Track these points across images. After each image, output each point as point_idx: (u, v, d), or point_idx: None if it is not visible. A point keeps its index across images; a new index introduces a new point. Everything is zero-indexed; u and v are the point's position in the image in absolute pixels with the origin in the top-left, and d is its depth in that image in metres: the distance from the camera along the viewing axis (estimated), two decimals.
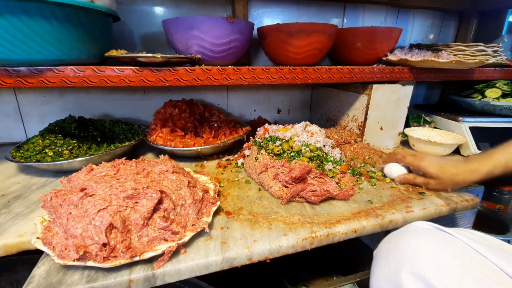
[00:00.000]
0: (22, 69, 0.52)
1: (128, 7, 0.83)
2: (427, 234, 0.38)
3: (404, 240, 0.39)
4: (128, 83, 0.57)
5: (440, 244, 0.36)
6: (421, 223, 0.42)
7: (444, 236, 0.38)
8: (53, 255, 0.35)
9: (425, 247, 0.36)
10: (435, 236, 0.38)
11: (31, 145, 0.67)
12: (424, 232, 0.39)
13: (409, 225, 0.42)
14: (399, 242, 0.39)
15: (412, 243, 0.37)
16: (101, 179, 0.42)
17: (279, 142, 0.64)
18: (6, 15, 0.47)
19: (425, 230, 0.39)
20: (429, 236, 0.38)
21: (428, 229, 0.40)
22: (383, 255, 0.40)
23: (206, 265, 0.39)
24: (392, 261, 0.37)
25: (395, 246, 0.39)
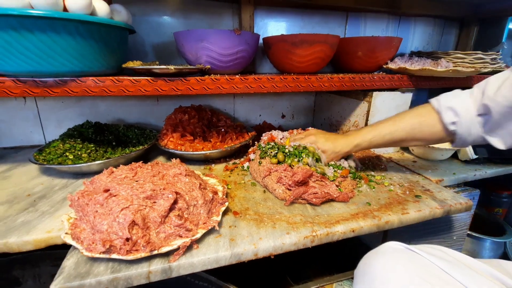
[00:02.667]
0: (48, 80, 0.57)
1: (140, 19, 0.88)
2: (397, 254, 0.42)
3: (377, 261, 0.42)
4: (143, 92, 0.62)
5: (408, 264, 0.39)
6: (393, 244, 0.45)
7: (413, 256, 0.41)
8: (81, 249, 0.40)
9: (394, 267, 0.39)
10: (404, 257, 0.41)
11: (53, 148, 0.72)
12: (395, 253, 0.42)
13: (382, 246, 0.46)
14: (372, 263, 0.42)
15: (383, 264, 0.41)
16: (122, 181, 0.46)
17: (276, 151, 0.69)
18: (36, 32, 0.52)
19: (396, 251, 0.43)
20: (398, 256, 0.41)
21: (398, 249, 0.43)
22: (360, 275, 0.44)
23: (216, 260, 0.43)
24: (367, 281, 0.41)
25: (369, 267, 0.42)
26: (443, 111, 0.56)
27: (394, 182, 0.68)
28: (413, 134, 0.60)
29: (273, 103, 1.14)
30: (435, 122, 0.57)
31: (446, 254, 0.43)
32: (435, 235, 0.73)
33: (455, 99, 0.56)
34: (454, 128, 0.55)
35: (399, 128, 0.61)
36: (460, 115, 0.54)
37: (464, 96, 0.55)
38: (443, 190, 0.64)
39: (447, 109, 0.55)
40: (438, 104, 0.57)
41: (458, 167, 0.80)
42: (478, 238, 0.85)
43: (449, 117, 0.55)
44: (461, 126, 0.54)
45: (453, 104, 0.55)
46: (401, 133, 0.61)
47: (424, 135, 0.60)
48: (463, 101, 0.54)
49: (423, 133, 0.59)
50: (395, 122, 0.62)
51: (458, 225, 0.74)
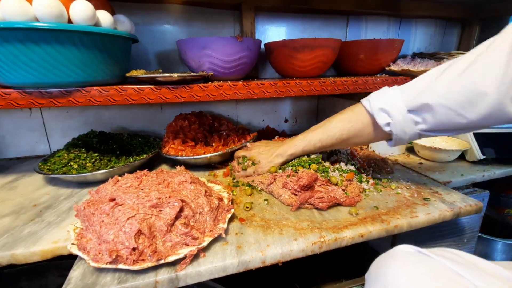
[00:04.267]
0: (53, 90, 0.57)
1: (143, 28, 0.89)
2: (409, 258, 0.41)
3: (388, 265, 0.41)
4: (147, 100, 0.62)
5: (422, 270, 0.38)
6: (405, 247, 0.44)
7: (426, 260, 0.40)
8: (88, 259, 0.39)
9: (406, 271, 0.38)
10: (417, 261, 0.40)
11: (57, 158, 0.72)
12: (407, 256, 0.41)
13: (394, 249, 0.45)
14: (384, 268, 0.41)
15: (396, 268, 0.40)
16: (127, 190, 0.46)
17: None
18: (42, 44, 0.53)
19: (408, 254, 0.42)
20: (410, 260, 0.40)
21: (410, 252, 0.42)
22: (372, 280, 0.43)
23: (224, 268, 0.42)
24: (379, 285, 0.40)
25: (382, 272, 0.41)
26: (376, 113, 0.55)
27: (401, 185, 0.67)
28: (342, 139, 0.61)
29: (276, 107, 1.14)
30: (367, 124, 0.58)
31: (459, 257, 0.42)
32: (445, 237, 0.71)
33: (384, 98, 0.54)
34: (389, 128, 0.54)
35: (329, 135, 0.62)
36: (392, 115, 0.53)
37: (393, 93, 0.54)
38: (452, 192, 0.63)
39: (379, 110, 0.54)
40: (370, 106, 0.56)
41: (466, 168, 0.78)
42: (490, 240, 0.83)
43: (383, 119, 0.54)
44: (395, 126, 0.53)
45: (383, 104, 0.54)
46: (331, 140, 0.62)
47: (355, 139, 0.60)
48: (392, 99, 0.53)
49: (354, 138, 0.60)
50: (325, 129, 0.63)
51: (469, 227, 0.72)
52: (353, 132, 0.59)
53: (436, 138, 0.92)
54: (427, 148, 0.82)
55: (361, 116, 0.58)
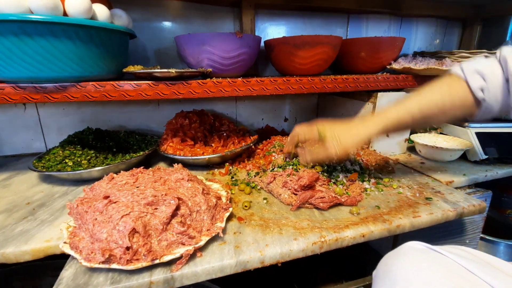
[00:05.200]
0: (48, 85, 0.56)
1: (141, 24, 0.88)
2: (419, 255, 0.39)
3: (398, 262, 0.40)
4: (144, 96, 0.61)
5: (432, 266, 0.37)
6: (415, 244, 0.43)
7: (436, 257, 0.39)
8: (80, 258, 0.38)
9: (418, 270, 0.37)
10: (428, 257, 0.39)
11: (52, 155, 0.71)
12: (417, 253, 0.40)
13: (403, 246, 0.43)
14: (394, 265, 0.40)
15: (406, 266, 0.38)
16: (122, 187, 0.45)
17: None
18: (36, 37, 0.51)
19: (418, 251, 0.40)
20: (421, 257, 0.39)
21: (420, 249, 0.41)
22: (380, 277, 0.41)
23: (221, 268, 0.41)
24: (388, 282, 0.38)
25: (391, 269, 0.40)
26: (470, 75, 0.50)
27: (403, 185, 0.66)
28: (443, 107, 0.53)
29: (276, 106, 1.13)
30: (463, 90, 0.51)
31: (470, 254, 0.40)
32: (447, 238, 0.70)
33: (480, 63, 0.51)
34: (482, 95, 0.50)
35: (428, 102, 0.53)
36: (487, 79, 0.49)
37: (490, 61, 0.51)
38: (455, 192, 0.62)
39: (474, 72, 0.50)
40: (463, 70, 0.52)
41: (468, 168, 0.77)
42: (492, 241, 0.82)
43: (477, 82, 0.50)
44: (489, 92, 0.49)
45: (479, 67, 0.50)
46: (432, 107, 0.53)
47: (455, 106, 0.53)
48: (490, 65, 0.50)
49: (453, 105, 0.52)
50: (423, 96, 0.54)
51: (471, 228, 0.71)
52: (453, 99, 0.52)
53: (437, 137, 0.90)
54: (428, 147, 0.81)
55: (455, 82, 0.53)
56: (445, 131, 0.93)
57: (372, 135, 0.55)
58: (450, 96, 0.52)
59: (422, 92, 0.55)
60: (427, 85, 0.56)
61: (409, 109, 0.54)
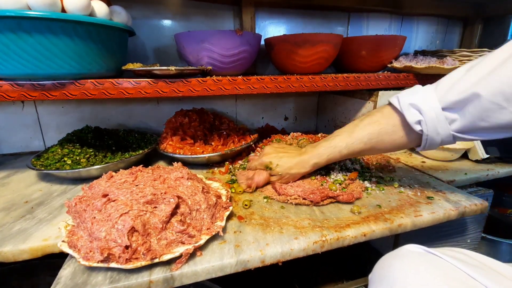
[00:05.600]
0: (46, 83, 0.56)
1: (141, 22, 0.87)
2: (418, 259, 0.39)
3: (396, 265, 0.39)
4: (144, 94, 0.60)
5: (430, 270, 0.36)
6: (412, 247, 0.42)
7: (435, 260, 0.38)
8: (78, 257, 0.38)
9: (415, 272, 0.36)
10: (426, 261, 0.38)
11: (51, 154, 0.70)
12: (415, 256, 0.39)
13: (401, 249, 0.42)
14: (391, 268, 0.39)
15: (403, 268, 0.38)
16: (121, 186, 0.44)
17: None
18: (34, 34, 0.51)
19: (416, 254, 0.40)
20: (419, 260, 0.38)
21: (418, 252, 0.40)
22: (377, 280, 0.41)
23: (221, 267, 0.41)
24: (385, 286, 0.38)
25: (388, 272, 0.39)
26: (406, 109, 0.49)
27: (404, 184, 0.65)
28: (371, 144, 0.54)
29: (276, 105, 1.12)
30: (396, 126, 0.51)
31: (470, 258, 0.40)
32: (448, 238, 0.70)
33: (416, 94, 0.49)
34: (420, 127, 0.48)
35: (356, 140, 0.55)
36: (424, 112, 0.47)
37: (426, 91, 0.49)
38: (456, 191, 0.61)
39: (409, 106, 0.49)
40: (399, 103, 0.50)
41: (469, 167, 0.77)
42: (494, 241, 0.82)
43: (413, 116, 0.48)
44: (427, 125, 0.47)
45: (414, 100, 0.48)
46: (359, 145, 0.55)
47: (385, 143, 0.53)
48: (425, 96, 0.48)
49: (383, 142, 0.53)
50: (351, 133, 0.56)
51: (472, 227, 0.71)
52: (382, 135, 0.53)
53: None
54: None
55: (390, 117, 0.52)
56: None
57: (308, 171, 0.61)
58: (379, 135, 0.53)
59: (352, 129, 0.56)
60: (360, 119, 0.57)
61: (338, 148, 0.57)
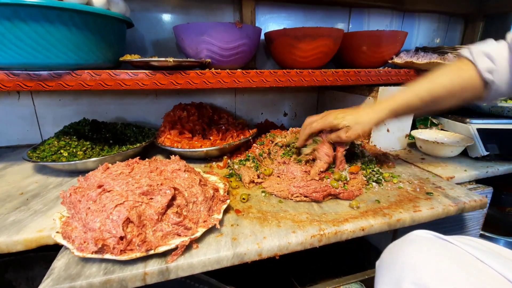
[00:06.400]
0: (42, 73, 0.55)
1: (140, 14, 0.86)
2: (428, 243, 0.38)
3: (405, 250, 0.38)
4: (141, 86, 0.60)
5: (441, 253, 0.36)
6: (421, 232, 0.42)
7: (445, 245, 0.38)
8: (72, 248, 0.37)
9: (426, 257, 0.36)
10: (436, 245, 0.38)
11: (47, 146, 0.70)
12: (425, 241, 0.39)
13: (409, 234, 0.42)
14: (400, 253, 0.39)
15: (413, 253, 0.37)
16: (117, 177, 0.44)
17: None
18: (30, 22, 0.50)
19: (425, 239, 0.39)
20: (429, 245, 0.38)
21: (428, 237, 0.40)
22: (385, 266, 0.40)
23: (218, 260, 0.40)
24: (394, 272, 0.37)
25: (397, 257, 0.39)
26: (478, 58, 0.52)
27: (403, 179, 0.65)
28: (452, 89, 0.54)
29: (275, 101, 1.11)
30: (472, 72, 0.53)
31: (480, 244, 0.39)
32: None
33: (488, 46, 0.52)
34: (491, 77, 0.51)
35: (438, 85, 0.54)
36: (496, 61, 0.50)
37: (499, 44, 0.52)
38: (456, 187, 0.61)
39: (482, 55, 0.51)
40: (471, 53, 0.53)
41: (469, 164, 0.76)
42: (492, 238, 0.81)
43: (485, 63, 0.51)
44: (498, 74, 0.50)
45: (487, 50, 0.51)
46: (441, 91, 0.54)
47: (464, 88, 0.54)
48: (498, 47, 0.51)
49: (463, 87, 0.54)
50: (432, 80, 0.55)
51: (471, 225, 0.70)
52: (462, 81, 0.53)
53: (438, 133, 0.90)
54: (429, 143, 0.80)
55: (464, 65, 0.54)
56: (446, 127, 0.92)
57: (382, 117, 0.57)
58: (459, 78, 0.53)
59: (431, 76, 0.56)
60: (436, 70, 0.56)
61: (418, 93, 0.55)
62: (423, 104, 0.55)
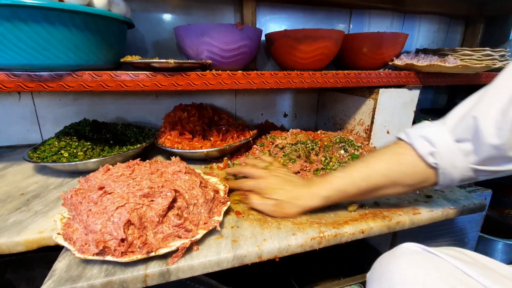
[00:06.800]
0: (43, 74, 0.55)
1: (140, 14, 0.86)
2: (416, 257, 0.39)
3: (394, 264, 0.39)
4: (142, 87, 0.60)
5: (429, 267, 0.36)
6: (411, 245, 0.41)
7: (433, 259, 0.38)
8: (73, 250, 0.37)
9: (414, 271, 0.36)
10: (424, 259, 0.38)
11: (47, 146, 0.70)
12: (413, 255, 0.39)
13: (399, 247, 0.42)
14: (389, 266, 0.39)
15: (402, 267, 0.38)
16: (118, 179, 0.44)
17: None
18: (30, 23, 0.50)
19: (414, 253, 0.40)
20: (418, 259, 0.38)
21: (417, 251, 0.40)
22: (375, 278, 0.41)
23: (218, 262, 0.40)
24: (385, 285, 0.38)
25: (386, 270, 0.39)
26: (415, 141, 0.46)
27: None
28: (393, 177, 0.47)
29: (276, 101, 1.11)
30: (414, 157, 0.46)
31: (469, 257, 0.40)
32: (445, 236, 0.70)
33: (424, 129, 0.46)
34: (434, 160, 0.44)
35: (375, 172, 0.48)
36: (435, 143, 0.44)
37: (435, 124, 0.46)
38: (455, 190, 0.61)
39: (418, 138, 0.46)
40: (407, 136, 0.47)
41: None
42: (491, 240, 0.82)
43: (424, 147, 0.45)
44: (441, 157, 0.44)
45: (424, 133, 0.45)
46: (379, 178, 0.47)
47: (406, 176, 0.47)
48: (435, 128, 0.45)
49: (404, 174, 0.47)
50: (369, 164, 0.49)
51: (470, 227, 0.71)
52: (398, 168, 0.47)
53: None
54: None
55: (404, 148, 0.47)
56: None
57: (315, 205, 0.50)
58: (399, 164, 0.47)
59: (367, 160, 0.50)
60: (373, 153, 0.51)
61: (354, 178, 0.49)
62: (361, 192, 0.49)
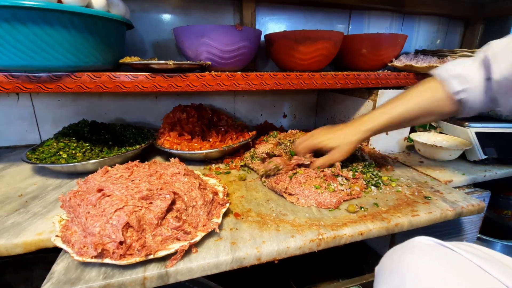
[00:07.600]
0: (42, 75, 0.55)
1: (140, 15, 0.86)
2: (430, 250, 0.38)
3: (406, 257, 0.38)
4: (141, 88, 0.60)
5: (443, 261, 0.35)
6: (423, 239, 0.41)
7: (447, 253, 0.37)
8: (72, 252, 0.37)
9: (428, 265, 0.35)
10: (438, 253, 0.37)
11: (46, 147, 0.69)
12: (427, 248, 0.38)
13: (411, 241, 0.41)
14: (401, 260, 0.38)
15: (415, 260, 0.37)
16: (117, 181, 0.44)
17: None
18: (29, 25, 0.50)
19: (428, 246, 0.39)
20: (431, 253, 0.37)
21: (430, 245, 0.39)
22: (386, 272, 0.40)
23: (217, 264, 0.40)
24: (396, 279, 0.37)
25: (398, 264, 0.38)
26: (448, 80, 0.55)
27: (401, 183, 0.65)
28: (426, 110, 0.58)
29: (275, 102, 1.11)
30: (444, 93, 0.56)
31: (481, 252, 0.39)
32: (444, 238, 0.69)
33: (460, 66, 0.55)
34: (464, 95, 0.54)
35: (413, 107, 0.58)
36: (469, 81, 0.53)
37: (469, 63, 0.54)
38: (453, 191, 0.61)
39: (453, 77, 0.54)
40: (442, 75, 0.56)
41: (467, 168, 0.77)
42: (489, 241, 0.82)
43: (456, 86, 0.54)
44: (471, 93, 0.53)
45: (459, 71, 0.54)
46: (417, 111, 0.58)
47: (437, 109, 0.58)
48: (470, 67, 0.53)
49: (435, 108, 0.57)
50: (406, 101, 0.59)
51: (469, 228, 0.71)
52: (429, 104, 0.57)
53: (437, 136, 0.90)
54: (428, 146, 0.80)
55: (436, 86, 0.57)
56: (444, 130, 0.93)
57: (364, 138, 0.62)
58: (434, 98, 0.57)
59: (406, 96, 0.60)
60: (410, 89, 0.60)
61: (397, 113, 0.59)
62: (399, 123, 0.61)
